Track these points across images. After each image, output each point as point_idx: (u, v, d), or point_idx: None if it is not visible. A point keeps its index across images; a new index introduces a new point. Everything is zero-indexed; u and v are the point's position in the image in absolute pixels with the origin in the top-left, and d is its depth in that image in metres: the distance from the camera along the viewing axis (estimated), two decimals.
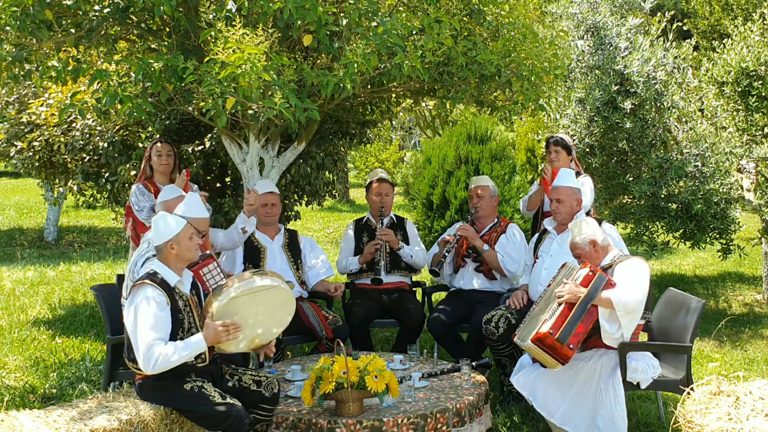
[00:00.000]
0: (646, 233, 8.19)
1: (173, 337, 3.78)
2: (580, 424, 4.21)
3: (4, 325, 7.26)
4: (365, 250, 5.96)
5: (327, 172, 7.70)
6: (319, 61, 5.06)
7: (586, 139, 7.77)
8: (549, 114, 8.04)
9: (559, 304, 4.22)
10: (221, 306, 3.92)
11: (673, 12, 9.76)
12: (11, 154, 7.98)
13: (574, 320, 4.14)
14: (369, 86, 5.35)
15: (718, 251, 8.26)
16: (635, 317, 4.26)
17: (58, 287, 9.14)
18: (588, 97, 7.56)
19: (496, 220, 5.90)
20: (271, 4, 4.31)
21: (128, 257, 6.18)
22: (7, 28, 4.54)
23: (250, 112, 4.64)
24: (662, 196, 7.61)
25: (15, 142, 7.73)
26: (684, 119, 7.89)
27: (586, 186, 5.64)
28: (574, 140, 6.14)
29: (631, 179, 7.87)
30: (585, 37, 7.81)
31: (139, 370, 3.79)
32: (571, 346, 4.11)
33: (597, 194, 6.10)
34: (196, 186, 6.03)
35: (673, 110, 7.64)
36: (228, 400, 3.77)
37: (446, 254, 5.74)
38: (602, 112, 7.48)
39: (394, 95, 6.48)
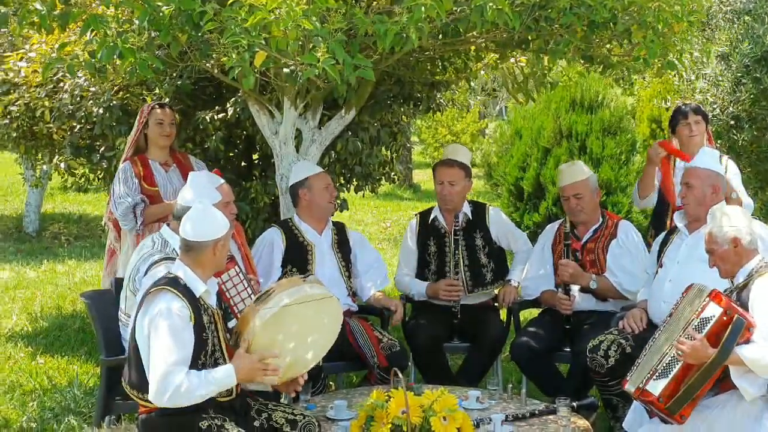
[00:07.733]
0: None
1: (194, 361, 3.81)
2: None
3: None
4: (440, 290, 5.81)
5: (384, 149, 7.71)
6: (375, 3, 5.07)
7: (731, 108, 7.64)
8: (681, 74, 7.91)
9: (677, 359, 4.13)
10: (273, 315, 3.97)
11: None
12: None
13: (692, 390, 4.09)
14: (440, 37, 5.33)
15: None
16: None
17: (39, 292, 9.34)
18: (734, 52, 7.42)
19: (600, 219, 5.80)
20: None
21: (118, 252, 6.26)
22: None
23: (285, 70, 4.66)
24: None
25: None
26: None
27: (729, 172, 5.55)
28: (714, 109, 6.03)
29: None
30: None
31: (145, 400, 3.84)
32: (683, 416, 4.12)
33: (743, 183, 5.97)
34: (202, 163, 6.13)
35: None
36: None
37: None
38: (753, 72, 7.36)
39: (473, 48, 6.45)
